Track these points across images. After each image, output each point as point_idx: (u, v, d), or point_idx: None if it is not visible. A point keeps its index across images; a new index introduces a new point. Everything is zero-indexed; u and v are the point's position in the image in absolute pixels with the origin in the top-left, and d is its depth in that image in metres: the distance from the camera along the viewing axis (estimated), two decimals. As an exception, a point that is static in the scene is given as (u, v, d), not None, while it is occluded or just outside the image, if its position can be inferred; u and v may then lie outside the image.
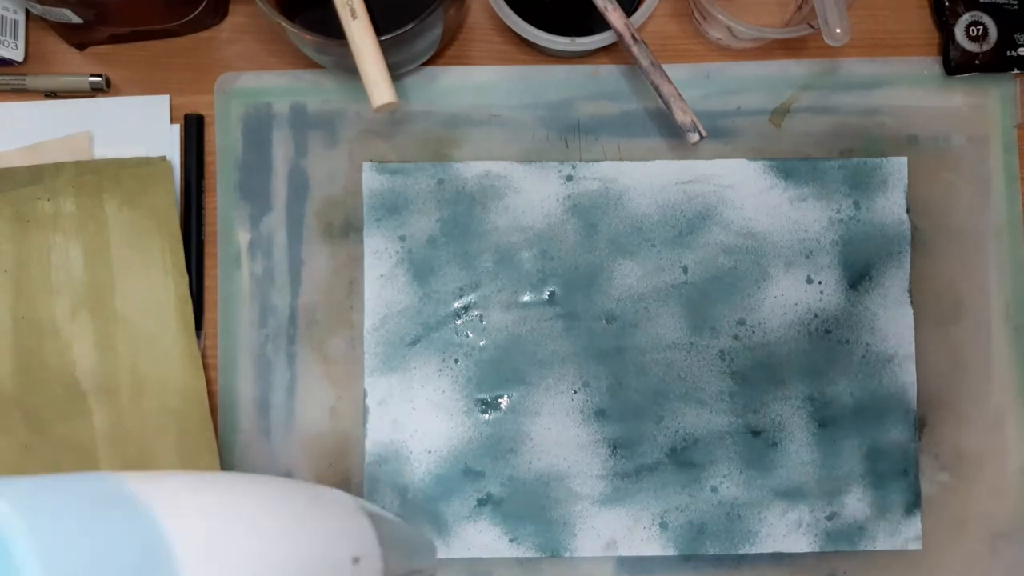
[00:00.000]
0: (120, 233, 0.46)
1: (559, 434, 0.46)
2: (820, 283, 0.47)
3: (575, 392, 0.46)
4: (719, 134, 0.48)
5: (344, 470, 0.47)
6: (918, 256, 0.48)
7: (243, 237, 0.47)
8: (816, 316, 0.47)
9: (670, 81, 0.44)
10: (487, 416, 0.46)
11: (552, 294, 0.46)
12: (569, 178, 0.47)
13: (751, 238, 0.47)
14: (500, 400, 0.46)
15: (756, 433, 0.46)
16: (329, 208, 0.47)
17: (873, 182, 0.47)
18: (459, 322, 0.46)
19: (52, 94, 0.48)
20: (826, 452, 0.46)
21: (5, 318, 0.46)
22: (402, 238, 0.47)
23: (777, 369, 0.46)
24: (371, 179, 0.47)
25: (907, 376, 0.47)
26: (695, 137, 0.44)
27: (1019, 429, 0.47)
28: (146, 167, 0.46)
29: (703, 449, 0.46)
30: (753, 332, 0.47)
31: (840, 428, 0.46)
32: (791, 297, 0.47)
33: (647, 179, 0.47)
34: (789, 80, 0.49)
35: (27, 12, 0.48)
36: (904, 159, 0.47)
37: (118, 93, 0.48)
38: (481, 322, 0.46)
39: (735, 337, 0.46)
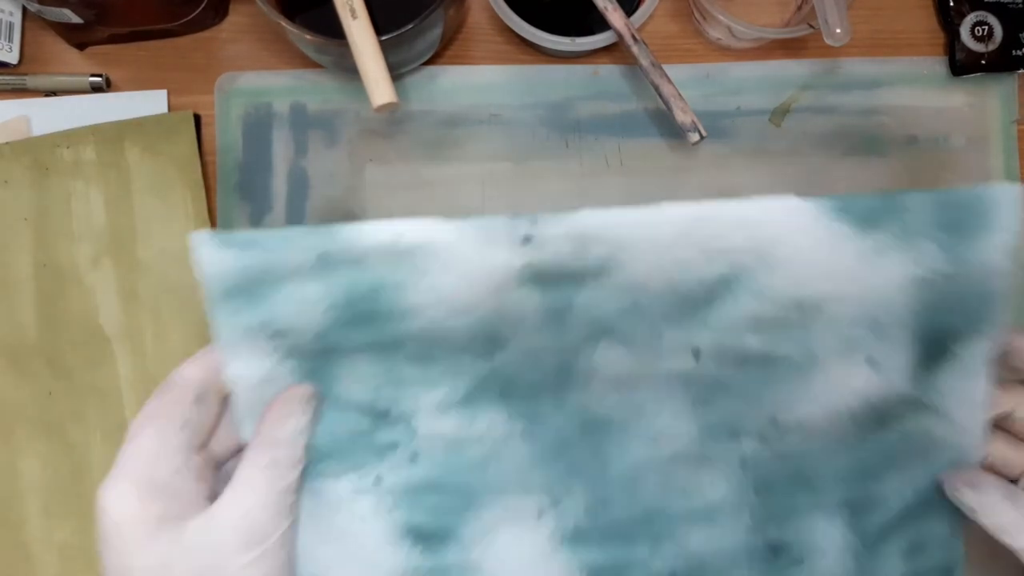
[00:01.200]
0: (142, 180, 0.46)
1: (521, 570, 0.34)
2: (884, 365, 0.33)
3: (541, 513, 0.34)
4: (719, 134, 0.48)
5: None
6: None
7: (243, 237, 0.47)
8: (873, 408, 0.33)
9: (670, 81, 0.44)
10: (422, 551, 0.34)
11: (505, 390, 0.33)
12: (527, 240, 0.30)
13: (797, 310, 0.32)
14: (441, 529, 0.34)
15: (777, 550, 0.35)
16: (329, 208, 0.47)
17: (970, 222, 0.31)
18: (377, 430, 0.33)
19: (52, 93, 0.48)
20: (862, 565, 0.35)
21: (26, 265, 0.46)
22: (277, 335, 0.31)
23: (812, 474, 0.34)
24: (213, 258, 0.30)
25: (969, 461, 0.34)
26: (695, 137, 0.44)
27: (1019, 429, 0.47)
28: (168, 118, 0.47)
29: (711, 574, 0.35)
30: (787, 432, 0.34)
31: (881, 535, 0.35)
32: (845, 386, 0.33)
33: (646, 234, 0.31)
34: (789, 80, 0.49)
35: (24, 12, 0.48)
36: (1017, 187, 0.31)
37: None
38: (409, 428, 0.33)
39: (762, 440, 0.34)
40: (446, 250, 0.30)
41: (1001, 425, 0.34)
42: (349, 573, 0.33)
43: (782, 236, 0.31)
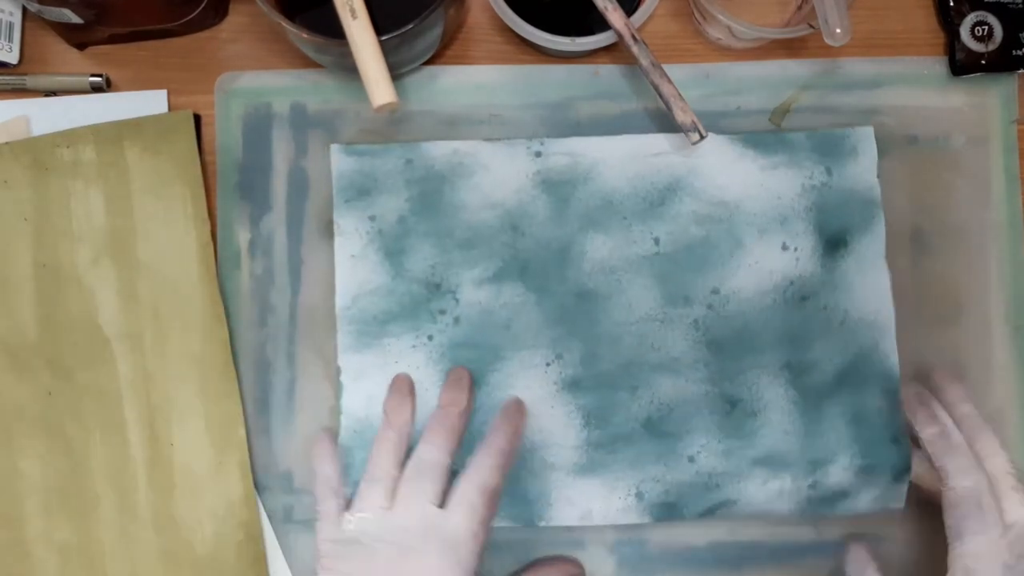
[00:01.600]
0: (141, 180, 0.46)
1: (533, 406, 0.46)
2: (795, 249, 0.46)
3: (548, 364, 0.46)
4: (719, 134, 0.48)
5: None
6: (919, 255, 0.48)
7: (243, 237, 0.47)
8: (792, 283, 0.46)
9: (670, 81, 0.44)
10: None
11: (524, 269, 0.46)
12: (538, 154, 0.47)
13: (723, 207, 0.46)
14: (475, 376, 0.46)
15: (733, 402, 0.46)
16: (329, 207, 0.47)
17: (843, 150, 0.47)
18: (432, 299, 0.46)
19: (52, 93, 0.48)
20: (808, 420, 0.45)
21: (26, 266, 0.46)
22: (372, 218, 0.46)
23: (753, 337, 0.46)
24: (340, 161, 0.47)
25: (888, 342, 0.46)
26: (695, 137, 0.44)
27: (1019, 429, 0.47)
28: (168, 118, 0.47)
29: (679, 419, 0.46)
30: (727, 301, 0.46)
31: (821, 395, 0.45)
32: (766, 265, 0.46)
33: (616, 153, 0.47)
34: (789, 80, 0.49)
35: (24, 12, 0.48)
36: (870, 128, 0.47)
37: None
38: (454, 298, 0.46)
39: (709, 306, 0.46)
40: (485, 158, 0.47)
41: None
42: None
43: (706, 155, 0.47)
